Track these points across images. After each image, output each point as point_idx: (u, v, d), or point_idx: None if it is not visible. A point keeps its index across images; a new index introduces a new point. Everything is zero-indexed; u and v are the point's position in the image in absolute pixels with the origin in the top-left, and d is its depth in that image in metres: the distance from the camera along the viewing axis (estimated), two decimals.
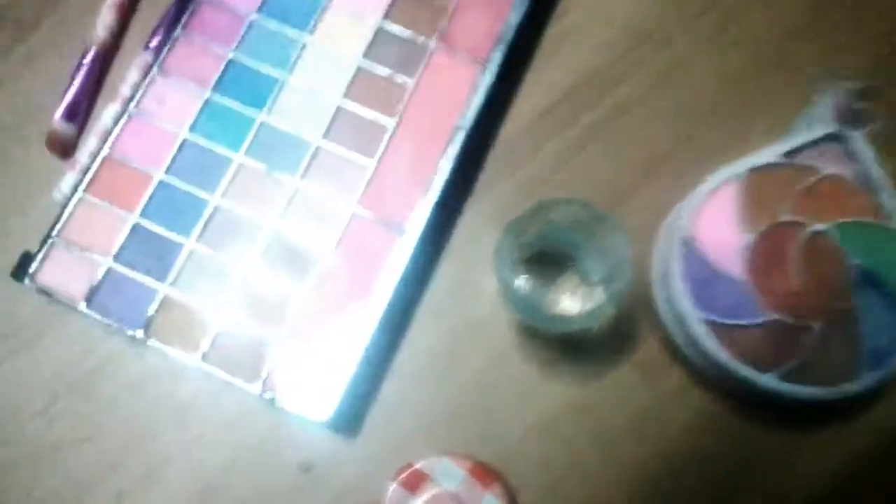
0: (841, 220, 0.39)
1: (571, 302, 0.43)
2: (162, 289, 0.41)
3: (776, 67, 0.46)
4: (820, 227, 0.39)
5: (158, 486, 0.41)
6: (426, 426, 0.41)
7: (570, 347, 0.42)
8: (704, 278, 0.39)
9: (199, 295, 0.41)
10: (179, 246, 0.42)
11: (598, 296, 0.39)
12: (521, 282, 0.43)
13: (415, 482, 0.39)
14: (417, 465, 0.39)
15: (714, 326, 0.38)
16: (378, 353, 0.42)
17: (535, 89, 0.46)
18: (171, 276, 0.42)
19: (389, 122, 0.44)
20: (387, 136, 0.43)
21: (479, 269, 0.44)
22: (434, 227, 0.43)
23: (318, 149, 0.43)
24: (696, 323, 0.38)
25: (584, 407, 0.41)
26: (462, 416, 0.42)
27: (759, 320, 0.38)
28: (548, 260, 0.43)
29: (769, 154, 0.40)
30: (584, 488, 0.40)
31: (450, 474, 0.39)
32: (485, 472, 0.39)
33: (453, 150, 0.43)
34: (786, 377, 0.37)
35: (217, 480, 0.41)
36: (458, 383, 0.42)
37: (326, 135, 0.44)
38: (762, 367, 0.37)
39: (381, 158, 0.43)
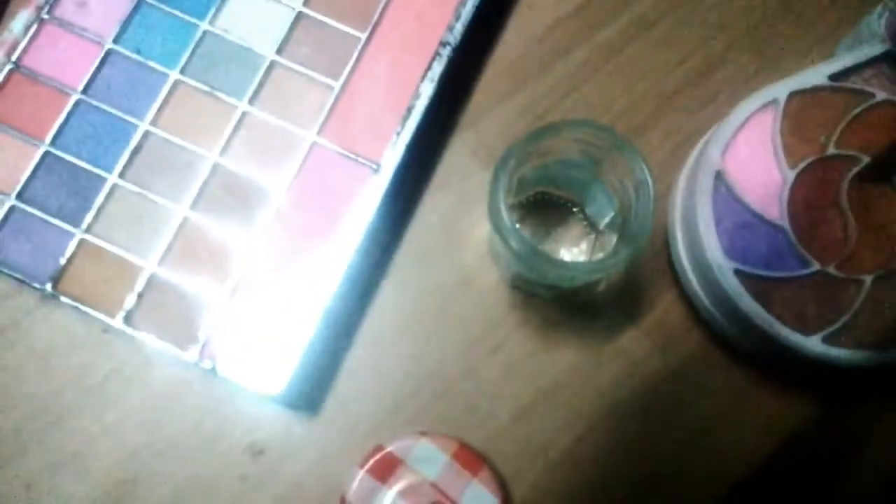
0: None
1: (572, 256, 0.36)
2: (77, 233, 0.34)
3: None
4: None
5: (75, 474, 0.33)
6: (400, 403, 0.34)
7: (571, 310, 0.36)
8: (737, 222, 0.32)
9: (123, 241, 0.34)
10: (100, 181, 0.34)
11: (610, 243, 0.32)
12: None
13: (386, 468, 0.32)
14: (389, 448, 0.32)
15: (747, 279, 0.31)
16: (342, 315, 0.35)
17: (538, 2, 0.39)
18: (88, 219, 0.34)
19: (361, 34, 0.36)
20: (356, 52, 0.36)
21: (466, 215, 0.36)
22: (413, 162, 0.36)
23: (271, 65, 0.36)
24: (726, 274, 0.31)
25: (587, 379, 0.35)
26: (443, 390, 0.35)
27: (802, 272, 0.31)
28: (546, 207, 0.36)
29: (813, 76, 0.34)
30: (587, 473, 0.34)
31: (429, 459, 0.32)
32: (471, 456, 0.32)
33: (438, 69, 0.36)
34: (832, 339, 0.31)
35: (147, 468, 0.34)
36: (439, 351, 0.35)
37: (283, 48, 0.36)
38: (804, 328, 0.31)
39: (348, 79, 0.36)
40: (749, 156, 0.33)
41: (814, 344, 0.31)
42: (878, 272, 0.32)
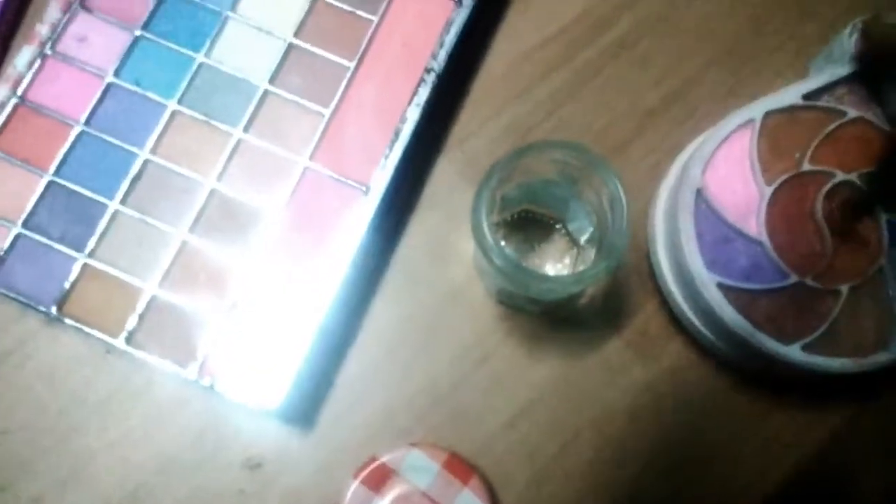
0: (868, 169, 0.33)
1: (556, 271, 0.38)
2: (80, 258, 0.35)
3: (786, 10, 0.41)
4: (845, 176, 0.33)
5: (81, 488, 0.35)
6: (393, 415, 0.36)
7: (556, 322, 0.37)
8: (718, 237, 0.34)
9: (125, 265, 0.35)
10: (102, 208, 0.36)
11: (591, 257, 0.33)
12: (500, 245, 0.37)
13: (380, 479, 0.33)
14: (383, 459, 0.33)
15: (729, 291, 0.33)
16: (336, 331, 0.36)
17: (519, 27, 0.41)
18: (90, 244, 0.35)
19: (349, 63, 0.38)
20: (345, 80, 0.37)
21: (454, 231, 0.38)
22: (401, 184, 0.37)
23: (265, 94, 0.37)
24: (708, 287, 0.32)
25: (572, 389, 0.36)
26: (433, 402, 0.36)
27: (781, 284, 0.33)
28: (530, 224, 0.38)
29: (788, 95, 0.35)
30: (574, 480, 0.35)
31: (421, 468, 0.33)
32: (461, 466, 0.34)
33: (423, 94, 0.37)
34: (810, 348, 0.32)
35: (150, 481, 0.35)
36: (430, 365, 0.36)
37: (275, 78, 0.38)
38: (784, 338, 0.32)
39: (338, 106, 0.37)
40: (728, 173, 0.35)
41: (793, 352, 0.32)
42: (854, 282, 0.33)
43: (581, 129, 0.39)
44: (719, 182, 0.34)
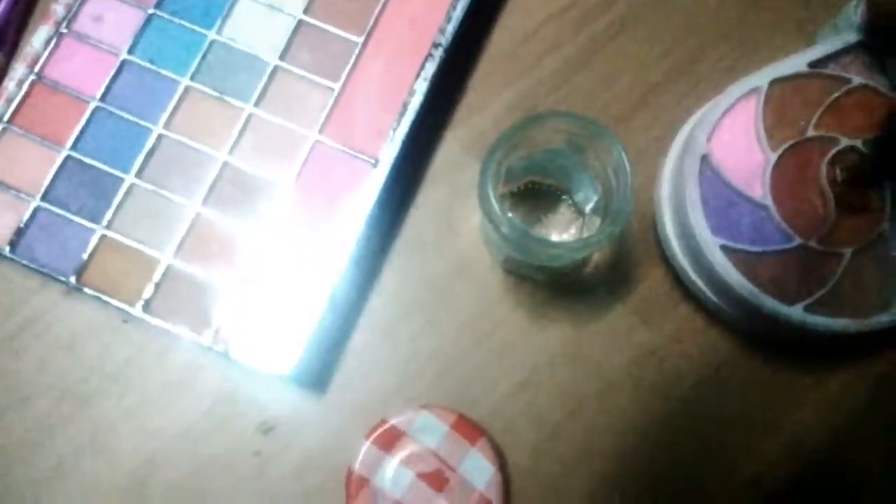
0: (873, 135, 0.34)
1: (565, 238, 0.38)
2: (98, 230, 0.36)
3: None
4: (850, 142, 0.34)
5: (101, 454, 0.36)
6: (402, 381, 0.37)
7: (562, 290, 0.38)
8: (723, 201, 0.34)
9: (141, 236, 0.36)
10: (118, 181, 0.37)
11: (597, 226, 0.34)
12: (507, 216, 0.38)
13: (390, 440, 0.34)
14: (393, 421, 0.34)
15: (733, 254, 0.33)
16: (347, 299, 0.37)
17: (526, 2, 0.41)
18: (107, 216, 0.36)
19: (357, 38, 0.38)
20: (354, 55, 0.38)
21: (461, 204, 0.39)
22: (409, 156, 0.38)
23: (275, 70, 0.38)
24: (713, 250, 0.33)
25: (578, 355, 0.37)
26: (443, 368, 0.37)
27: (784, 247, 0.33)
28: (536, 196, 0.38)
29: (793, 63, 0.36)
30: (580, 443, 0.36)
31: (430, 429, 0.34)
32: (470, 427, 0.34)
33: (431, 69, 0.38)
34: (813, 308, 0.33)
35: (167, 446, 0.36)
36: (438, 332, 0.37)
37: (285, 54, 0.38)
38: (787, 299, 0.33)
39: (347, 80, 0.38)
40: (733, 140, 0.35)
41: (796, 313, 0.33)
42: (857, 245, 0.34)
43: (586, 103, 0.40)
44: (724, 148, 0.35)
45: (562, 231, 0.39)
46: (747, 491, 0.36)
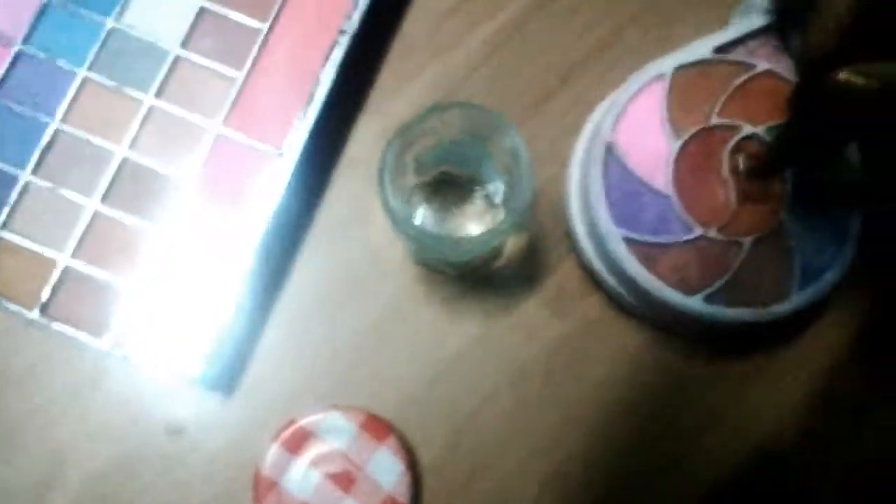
0: (776, 122, 0.33)
1: (478, 231, 0.38)
2: None
3: None
4: (753, 129, 0.33)
5: (5, 458, 0.35)
6: (314, 379, 0.36)
7: (474, 283, 0.37)
8: (627, 191, 0.34)
9: (37, 236, 0.35)
10: (13, 179, 0.36)
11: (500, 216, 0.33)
12: (420, 208, 0.37)
13: (298, 441, 0.34)
14: (301, 422, 0.34)
15: (636, 245, 0.33)
16: (257, 296, 0.36)
17: None
18: (2, 216, 0.35)
19: (261, 25, 0.37)
20: (258, 44, 0.37)
21: (374, 193, 0.37)
22: (318, 146, 0.37)
23: (176, 59, 0.37)
24: (616, 242, 0.33)
25: (491, 348, 0.36)
26: (354, 364, 0.36)
27: (685, 237, 0.33)
28: (449, 186, 0.38)
29: (698, 49, 0.35)
30: (491, 436, 0.36)
31: (338, 430, 0.34)
32: (378, 425, 0.34)
33: (337, 57, 0.37)
34: (713, 299, 0.32)
35: (75, 449, 0.35)
36: (351, 328, 0.37)
37: (187, 42, 0.37)
38: (688, 289, 0.32)
39: (251, 69, 0.37)
40: (638, 128, 0.35)
41: (696, 303, 0.33)
42: (757, 234, 0.33)
43: (504, 85, 0.39)
44: (629, 137, 0.34)
45: (476, 222, 0.38)
46: (662, 476, 0.36)
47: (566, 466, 0.36)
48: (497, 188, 0.36)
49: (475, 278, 0.37)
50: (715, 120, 0.34)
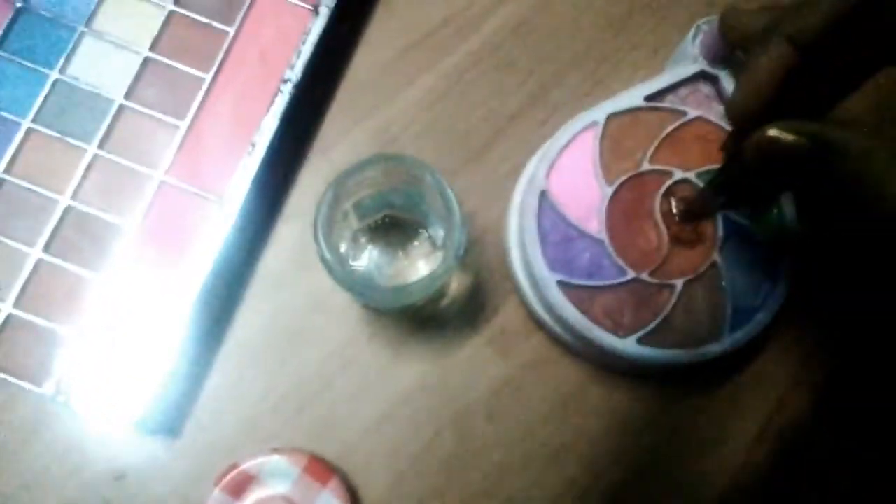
0: (706, 167, 0.35)
1: (425, 273, 0.38)
2: None
3: (644, 9, 0.42)
4: (684, 174, 0.35)
5: None
6: (258, 422, 0.36)
7: (420, 323, 0.38)
8: (561, 237, 0.35)
9: None
10: None
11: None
12: (366, 250, 0.38)
13: (240, 485, 0.34)
14: (243, 466, 0.34)
15: (570, 289, 0.34)
16: (200, 341, 0.37)
17: (382, 35, 0.41)
18: None
19: (205, 75, 0.38)
20: (202, 92, 0.38)
21: None
22: (261, 193, 0.38)
23: (120, 108, 0.37)
24: (550, 285, 0.34)
25: (435, 388, 0.37)
26: (299, 407, 0.37)
27: (618, 280, 0.34)
28: (395, 229, 0.39)
29: (630, 98, 0.36)
30: (434, 478, 0.36)
31: (281, 473, 0.34)
32: (321, 469, 0.34)
33: (280, 105, 0.38)
34: (645, 340, 0.33)
35: (15, 496, 0.35)
36: (296, 371, 0.37)
37: (131, 92, 0.38)
38: (621, 331, 0.33)
39: (195, 118, 0.37)
40: (571, 174, 0.36)
41: (629, 345, 0.34)
42: (689, 276, 0.34)
43: (445, 134, 0.40)
44: (563, 183, 0.35)
45: (424, 261, 0.39)
46: None
47: None
48: (438, 231, 0.37)
49: (420, 318, 0.38)
50: (646, 166, 0.35)
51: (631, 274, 0.34)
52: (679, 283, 0.34)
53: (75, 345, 0.35)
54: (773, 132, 0.26)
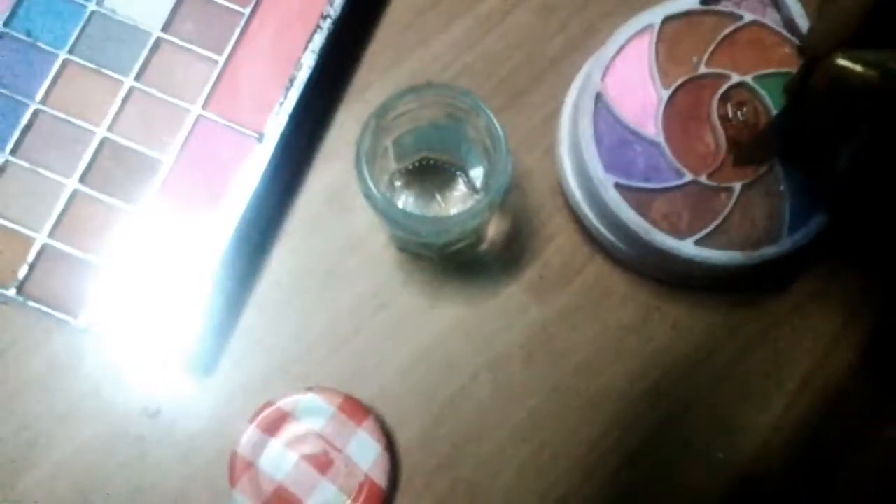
0: (763, 71, 0.34)
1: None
2: None
3: None
4: (740, 78, 0.34)
5: None
6: (292, 362, 0.36)
7: (456, 269, 0.37)
8: (617, 139, 0.34)
9: (15, 215, 0.35)
10: None
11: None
12: (402, 194, 0.38)
13: (275, 422, 0.34)
14: (278, 404, 0.34)
15: (627, 191, 0.34)
16: (235, 278, 0.36)
17: None
18: None
19: (244, 9, 0.37)
20: (240, 27, 0.37)
21: (355, 180, 0.38)
22: (298, 131, 0.37)
23: (157, 42, 0.37)
24: (607, 187, 0.34)
25: (470, 333, 0.36)
26: (333, 348, 0.36)
27: (676, 183, 0.34)
28: (431, 172, 0.38)
29: (685, 1, 0.35)
30: (469, 421, 0.36)
31: (316, 411, 0.34)
32: (356, 408, 0.34)
33: (319, 41, 0.37)
34: (703, 242, 0.33)
35: (48, 430, 0.35)
36: (330, 311, 0.37)
37: (168, 25, 0.37)
38: (678, 233, 0.33)
39: (232, 53, 0.37)
40: (627, 78, 0.35)
41: (686, 247, 0.33)
42: (746, 180, 0.34)
43: (483, 78, 0.39)
44: (619, 86, 0.35)
45: (458, 208, 0.38)
46: (640, 463, 0.36)
47: (543, 453, 0.36)
48: (478, 173, 0.36)
49: (457, 264, 0.37)
50: (703, 69, 0.35)
51: (688, 176, 0.34)
52: (737, 186, 0.34)
53: (110, 278, 0.34)
54: (842, 61, 0.25)
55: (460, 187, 0.38)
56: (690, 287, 0.37)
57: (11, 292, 0.34)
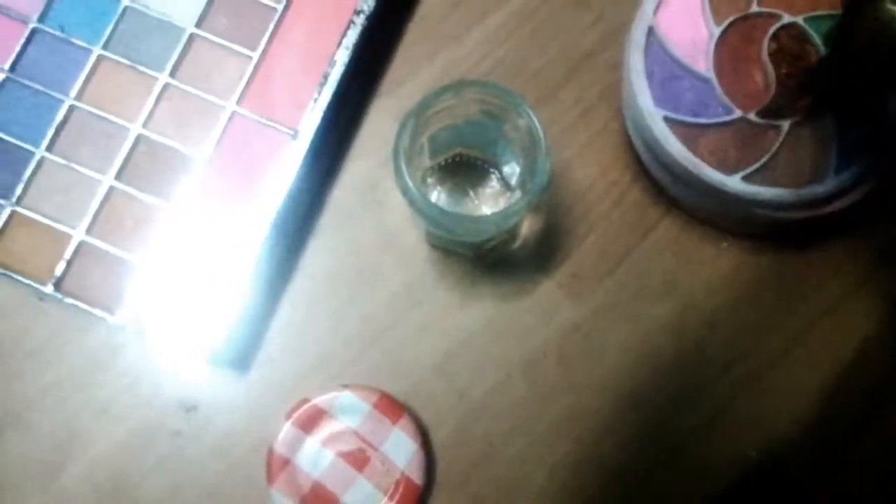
0: (815, 13, 0.34)
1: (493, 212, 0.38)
2: (7, 206, 0.35)
3: None
4: (792, 18, 0.34)
5: (18, 433, 0.35)
6: (327, 358, 0.36)
7: (489, 266, 0.37)
8: (667, 73, 0.35)
9: (52, 212, 0.35)
10: (28, 155, 0.36)
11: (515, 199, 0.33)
12: (434, 191, 0.37)
13: (311, 419, 0.34)
14: (315, 401, 0.34)
15: (676, 125, 0.34)
16: (270, 275, 0.36)
17: None
18: (17, 191, 0.35)
19: (277, 5, 0.37)
20: (274, 22, 0.37)
21: (387, 178, 0.37)
22: (332, 127, 0.37)
23: (191, 37, 0.37)
24: (656, 120, 0.34)
25: (503, 331, 0.36)
26: (367, 345, 0.36)
27: (724, 119, 0.34)
28: (465, 169, 0.38)
29: None
30: (505, 419, 0.36)
31: (352, 409, 0.34)
32: (392, 405, 0.34)
33: (352, 37, 0.37)
34: (751, 178, 0.33)
35: (86, 426, 0.35)
36: (364, 308, 0.37)
37: (202, 21, 0.37)
38: (726, 169, 0.33)
39: (266, 49, 0.37)
40: (680, 13, 0.35)
41: (734, 182, 0.33)
42: (795, 118, 0.34)
43: (516, 74, 0.39)
44: (671, 21, 0.35)
45: (491, 205, 0.38)
46: (672, 465, 0.36)
47: (577, 453, 0.36)
48: (513, 170, 0.36)
49: (490, 261, 0.37)
50: (755, 8, 0.35)
51: (737, 113, 0.34)
52: (786, 124, 0.33)
53: (146, 274, 0.34)
54: (890, 6, 0.24)
55: (493, 184, 0.38)
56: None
57: (49, 289, 0.34)
